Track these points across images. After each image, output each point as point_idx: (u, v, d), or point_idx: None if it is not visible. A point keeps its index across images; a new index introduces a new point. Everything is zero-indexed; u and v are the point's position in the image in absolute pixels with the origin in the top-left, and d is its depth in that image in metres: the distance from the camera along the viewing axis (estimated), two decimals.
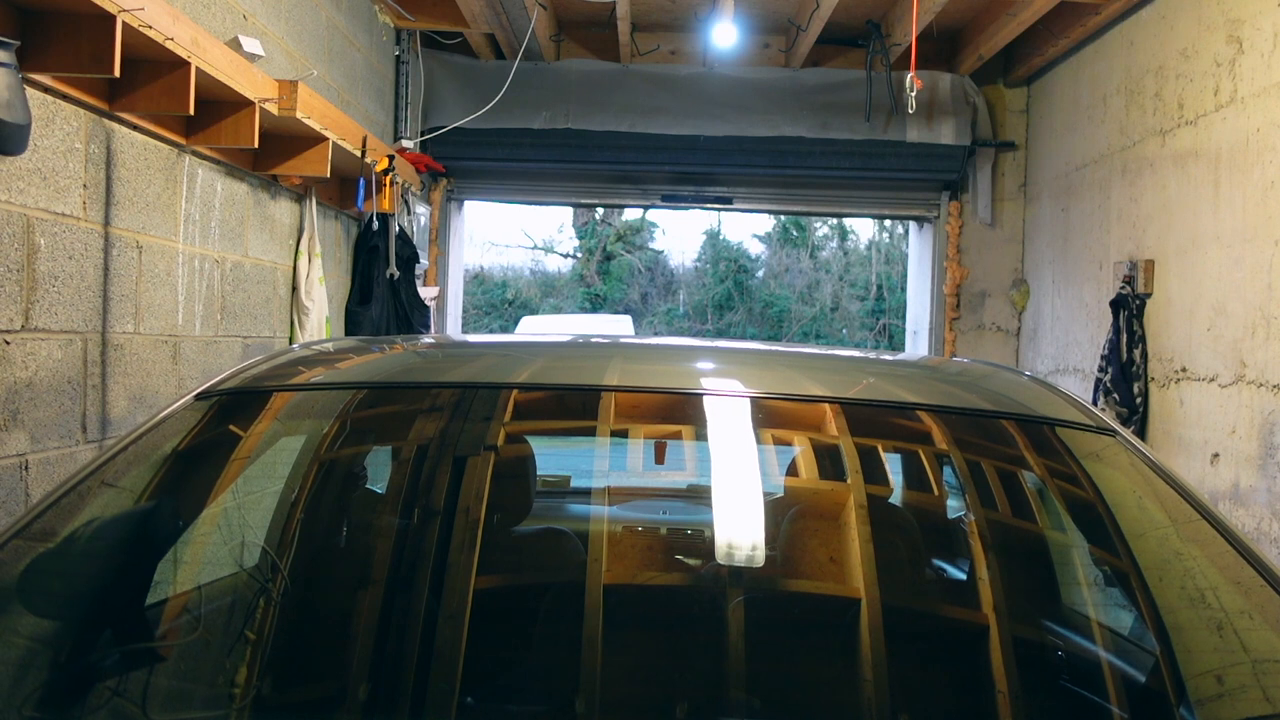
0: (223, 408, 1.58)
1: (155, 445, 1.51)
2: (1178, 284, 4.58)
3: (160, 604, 1.38)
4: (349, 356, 1.84)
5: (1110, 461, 1.45)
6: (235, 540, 1.49)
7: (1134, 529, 1.40)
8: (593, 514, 1.63)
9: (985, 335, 6.81)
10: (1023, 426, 1.53)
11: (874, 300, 20.53)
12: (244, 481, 1.50)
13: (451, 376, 1.66)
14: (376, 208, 5.06)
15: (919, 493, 1.65)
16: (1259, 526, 3.85)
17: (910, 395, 1.63)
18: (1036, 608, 1.40)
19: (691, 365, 1.74)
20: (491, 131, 6.49)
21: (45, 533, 1.37)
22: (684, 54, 6.80)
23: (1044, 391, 1.71)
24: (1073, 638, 1.43)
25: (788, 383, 1.63)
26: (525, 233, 24.60)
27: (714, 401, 1.51)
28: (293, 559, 1.44)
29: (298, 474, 1.55)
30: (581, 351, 1.93)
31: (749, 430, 1.44)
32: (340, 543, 1.47)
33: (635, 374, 1.60)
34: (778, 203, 7.46)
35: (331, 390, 1.63)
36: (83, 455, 3.11)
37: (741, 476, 1.44)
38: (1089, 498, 1.45)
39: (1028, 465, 1.52)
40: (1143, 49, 5.02)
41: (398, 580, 1.34)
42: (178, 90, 3.14)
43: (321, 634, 1.30)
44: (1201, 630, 1.30)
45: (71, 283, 3.01)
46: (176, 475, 1.50)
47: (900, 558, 1.45)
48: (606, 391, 1.49)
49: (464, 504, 1.37)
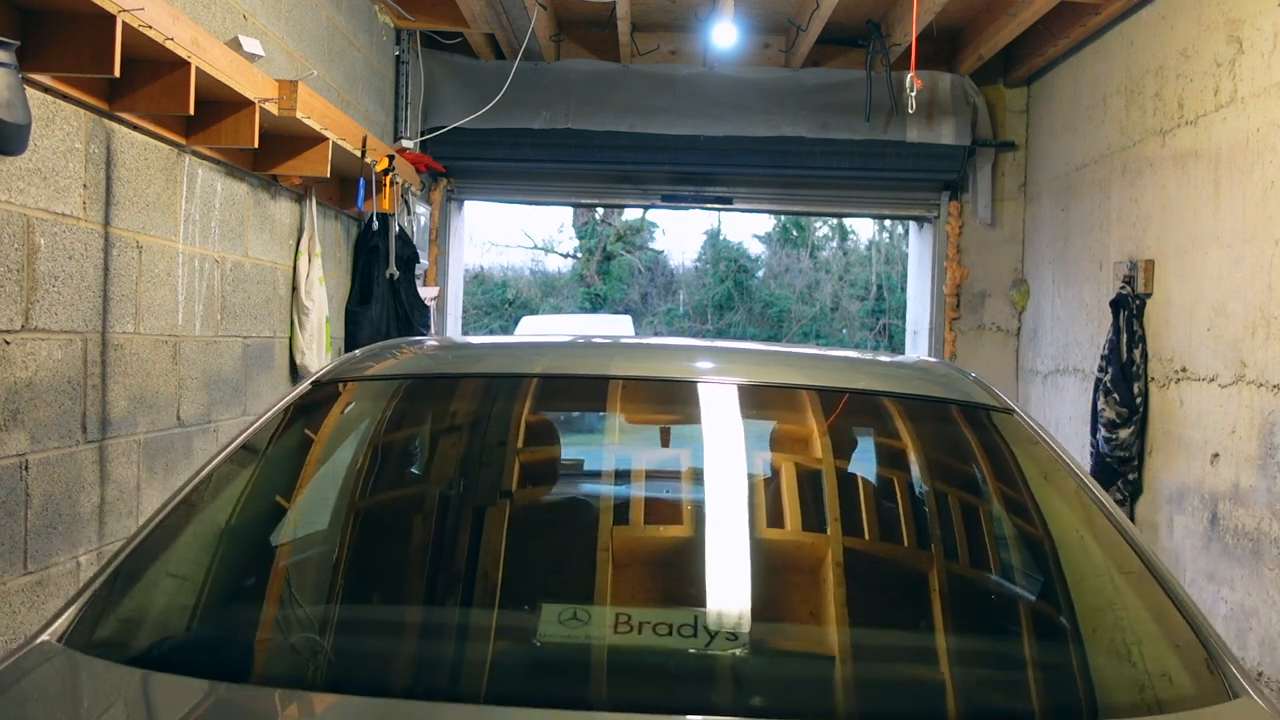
0: (333, 391, 2.13)
1: (287, 414, 2.03)
2: (1178, 284, 4.58)
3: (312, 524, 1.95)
4: (412, 354, 2.40)
5: (1008, 431, 2.01)
6: (365, 476, 2.03)
7: (1028, 473, 1.94)
8: (604, 455, 2.24)
9: (985, 335, 6.81)
10: (946, 406, 2.07)
11: (874, 300, 20.51)
12: (351, 440, 2.07)
13: (513, 369, 2.21)
14: (376, 208, 5.06)
15: (861, 450, 2.16)
16: (1259, 526, 3.85)
17: (857, 383, 2.14)
18: (947, 528, 1.92)
19: (683, 359, 2.25)
20: (491, 131, 6.48)
21: (236, 468, 1.90)
22: (684, 54, 6.80)
23: (967, 381, 2.21)
24: (976, 552, 1.92)
25: (758, 372, 2.15)
26: (525, 233, 24.61)
27: (698, 386, 2.06)
28: (409, 490, 2.03)
29: (391, 433, 2.12)
30: (594, 350, 2.53)
31: (725, 406, 2.03)
32: (434, 479, 2.02)
33: (641, 366, 2.14)
34: (778, 203, 7.46)
35: (399, 380, 2.21)
36: (83, 455, 3.11)
37: (717, 434, 1.99)
38: (991, 453, 2.00)
39: (947, 432, 2.07)
40: (1143, 49, 5.02)
41: (484, 502, 1.94)
42: (178, 90, 3.14)
43: (419, 544, 1.86)
44: (1073, 549, 1.82)
45: (71, 283, 3.01)
46: (306, 430, 2.06)
47: (851, 491, 1.97)
48: (614, 380, 2.07)
49: (520, 453, 2.04)
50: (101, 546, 3.23)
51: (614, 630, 1.57)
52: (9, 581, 2.79)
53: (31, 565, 2.88)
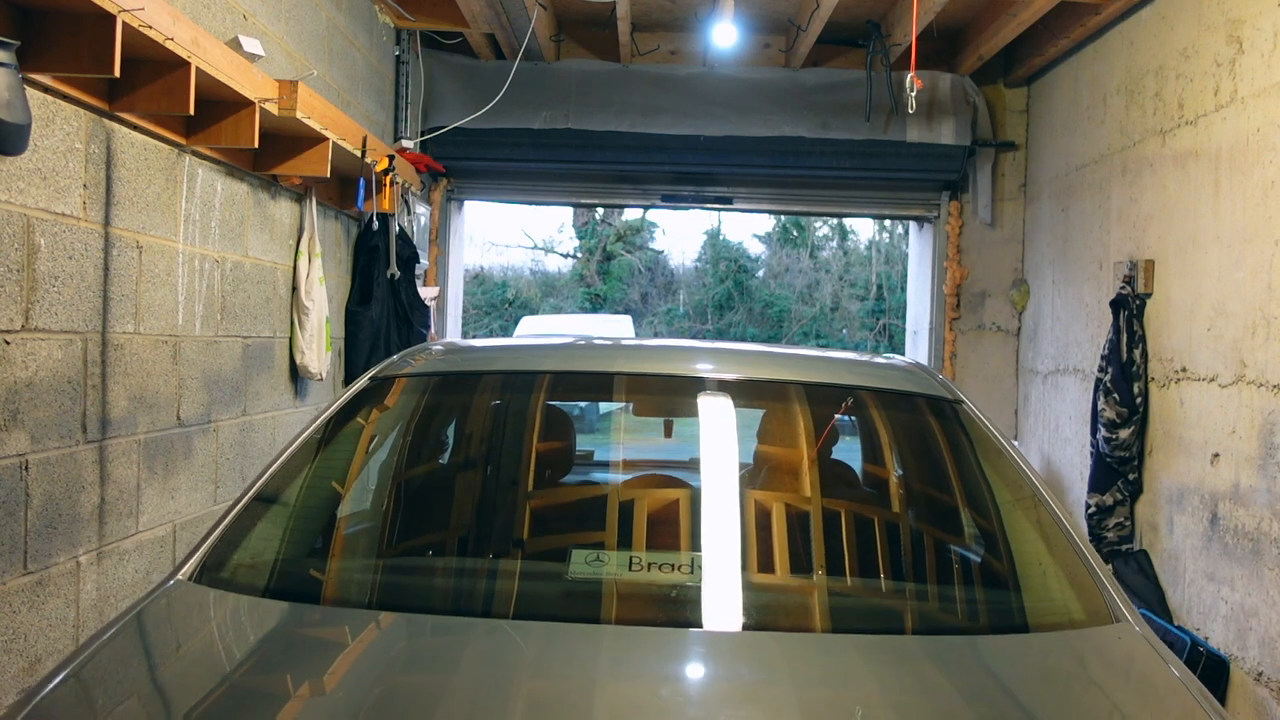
0: (387, 384, 2.55)
1: (352, 402, 2.48)
2: (1178, 284, 4.58)
3: (392, 483, 2.48)
4: (448, 355, 2.80)
5: (957, 417, 2.44)
6: (425, 446, 2.57)
7: (972, 448, 2.38)
8: (614, 421, 2.84)
9: (985, 335, 6.81)
10: (911, 397, 2.50)
11: (874, 300, 20.51)
12: (404, 422, 2.55)
13: (541, 367, 2.65)
14: (376, 208, 5.06)
15: (830, 430, 2.58)
16: (1259, 526, 3.85)
17: (826, 378, 2.59)
18: (905, 490, 2.45)
19: (679, 357, 2.71)
20: (491, 131, 6.48)
21: (314, 441, 2.35)
22: (684, 54, 6.80)
23: (926, 377, 2.63)
24: (928, 510, 2.42)
25: (742, 368, 2.57)
26: (525, 233, 24.62)
27: (691, 380, 2.50)
28: (463, 457, 2.57)
29: (438, 415, 2.63)
30: (600, 351, 2.99)
31: (717, 397, 2.46)
32: (482, 449, 2.54)
33: (644, 364, 2.64)
34: (778, 203, 7.46)
35: (436, 376, 2.65)
36: (83, 455, 3.11)
37: (708, 419, 2.41)
38: (943, 433, 2.44)
39: (909, 417, 2.52)
40: (1143, 49, 5.02)
41: (521, 463, 2.46)
42: (178, 90, 3.14)
43: (465, 501, 2.37)
44: (1006, 506, 2.26)
45: (71, 283, 3.01)
46: (368, 413, 2.53)
47: (826, 462, 2.44)
48: (620, 375, 2.60)
49: (552, 426, 2.60)
50: (102, 546, 3.23)
51: (629, 568, 2.01)
52: (9, 581, 2.79)
53: (31, 565, 2.88)
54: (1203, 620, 4.27)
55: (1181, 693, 1.70)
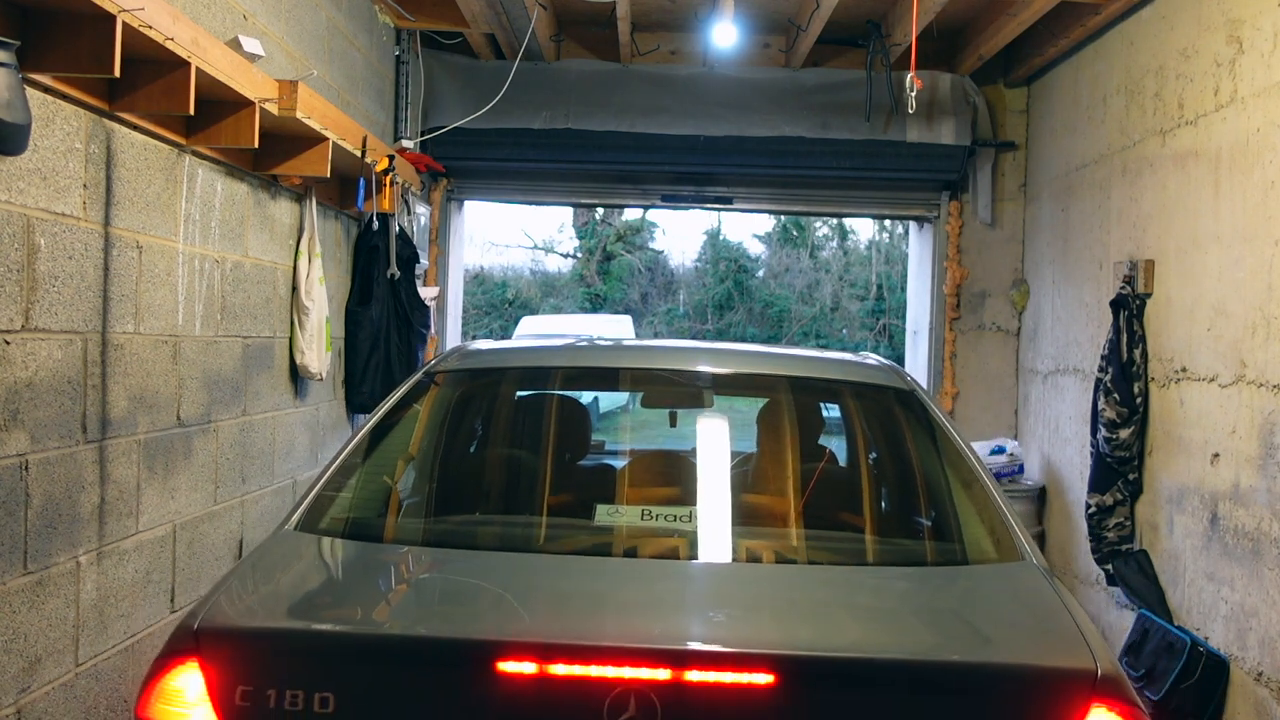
0: (437, 379, 3.17)
1: (409, 390, 3.11)
2: (1178, 284, 4.58)
3: (448, 459, 3.15)
4: (482, 355, 3.46)
5: (912, 404, 3.03)
6: (473, 430, 3.27)
7: (925, 428, 2.97)
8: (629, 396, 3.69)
9: (985, 335, 6.81)
10: (880, 388, 3.13)
11: (874, 300, 20.49)
12: (456, 407, 3.20)
13: (570, 364, 3.43)
14: (376, 208, 5.06)
15: (809, 417, 3.23)
16: (1259, 526, 3.85)
17: (799, 373, 3.23)
18: (873, 457, 3.05)
19: (679, 356, 3.39)
20: (491, 131, 6.48)
21: (383, 422, 2.96)
22: (684, 54, 6.80)
23: (890, 372, 3.19)
24: (889, 474, 3.06)
25: (732, 365, 3.33)
26: (525, 233, 24.58)
27: (688, 374, 3.25)
28: (503, 438, 3.23)
29: (483, 402, 3.32)
30: (607, 350, 3.76)
31: (704, 386, 3.28)
32: (517, 432, 3.25)
33: (649, 361, 3.36)
34: (778, 203, 7.46)
35: (478, 371, 3.35)
36: (83, 455, 3.11)
37: (701, 405, 3.24)
38: (904, 416, 3.03)
39: (873, 405, 3.16)
40: (1143, 49, 5.02)
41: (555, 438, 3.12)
42: (178, 90, 3.14)
43: (505, 474, 3.11)
44: (959, 488, 2.78)
45: (71, 283, 3.01)
46: (424, 400, 3.14)
47: (808, 438, 3.13)
48: (626, 370, 3.33)
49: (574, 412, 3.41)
50: (102, 546, 3.23)
51: (641, 518, 2.63)
52: (9, 581, 2.79)
53: (31, 565, 2.88)
54: (1203, 620, 4.27)
55: (1054, 601, 2.27)
